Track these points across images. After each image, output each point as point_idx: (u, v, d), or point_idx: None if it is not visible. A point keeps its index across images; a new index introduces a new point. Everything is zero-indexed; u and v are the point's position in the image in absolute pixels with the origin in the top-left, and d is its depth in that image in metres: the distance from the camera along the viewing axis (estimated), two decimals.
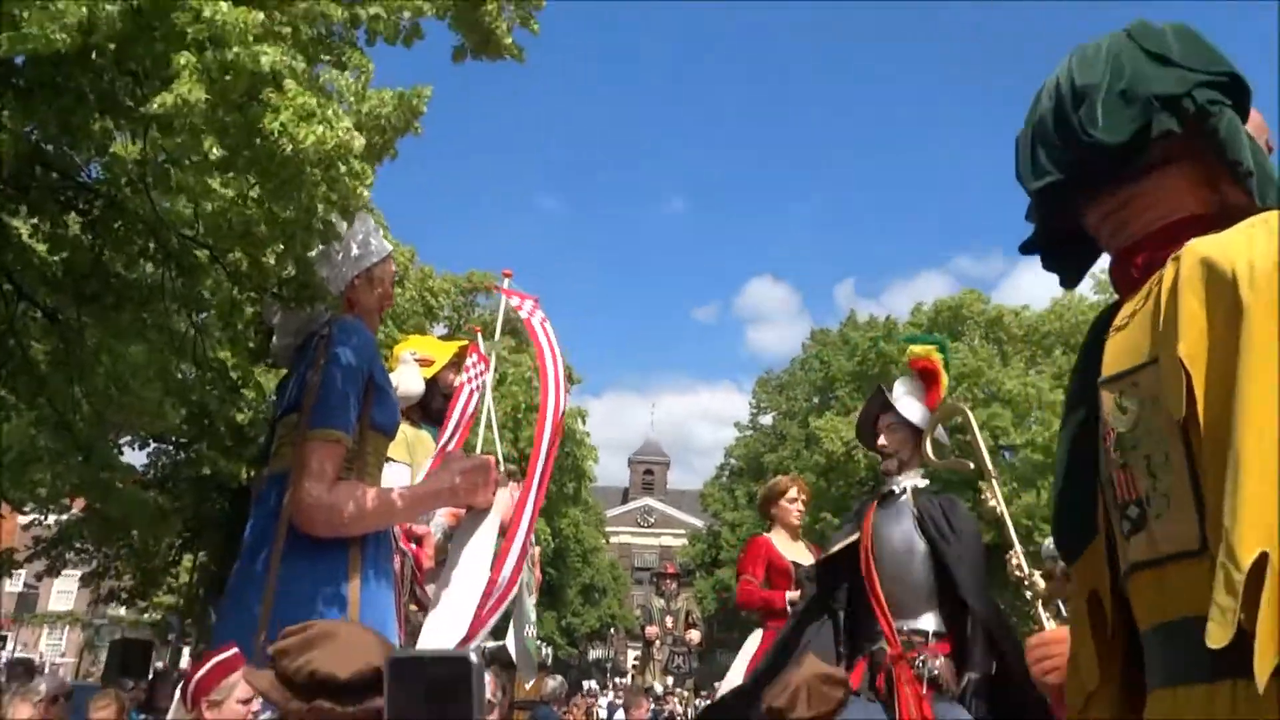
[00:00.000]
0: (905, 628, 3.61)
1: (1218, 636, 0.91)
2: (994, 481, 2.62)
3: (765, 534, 5.19)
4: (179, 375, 4.01)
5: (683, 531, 46.29)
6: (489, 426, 3.94)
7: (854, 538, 3.84)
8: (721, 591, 35.25)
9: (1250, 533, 0.90)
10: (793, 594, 4.84)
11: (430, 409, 3.81)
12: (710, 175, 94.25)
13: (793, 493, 5.24)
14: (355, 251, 2.81)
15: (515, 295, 3.98)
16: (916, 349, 4.13)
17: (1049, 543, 6.41)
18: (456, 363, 3.96)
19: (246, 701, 2.15)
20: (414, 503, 2.79)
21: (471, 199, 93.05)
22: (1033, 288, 66.28)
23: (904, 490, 3.84)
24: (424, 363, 3.77)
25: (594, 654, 41.29)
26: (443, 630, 2.80)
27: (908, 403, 3.90)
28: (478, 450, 3.89)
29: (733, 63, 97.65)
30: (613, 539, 45.15)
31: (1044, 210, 1.31)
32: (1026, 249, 1.38)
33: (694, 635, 12.21)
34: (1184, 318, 1.01)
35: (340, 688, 1.49)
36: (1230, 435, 0.94)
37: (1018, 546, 2.41)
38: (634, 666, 25.62)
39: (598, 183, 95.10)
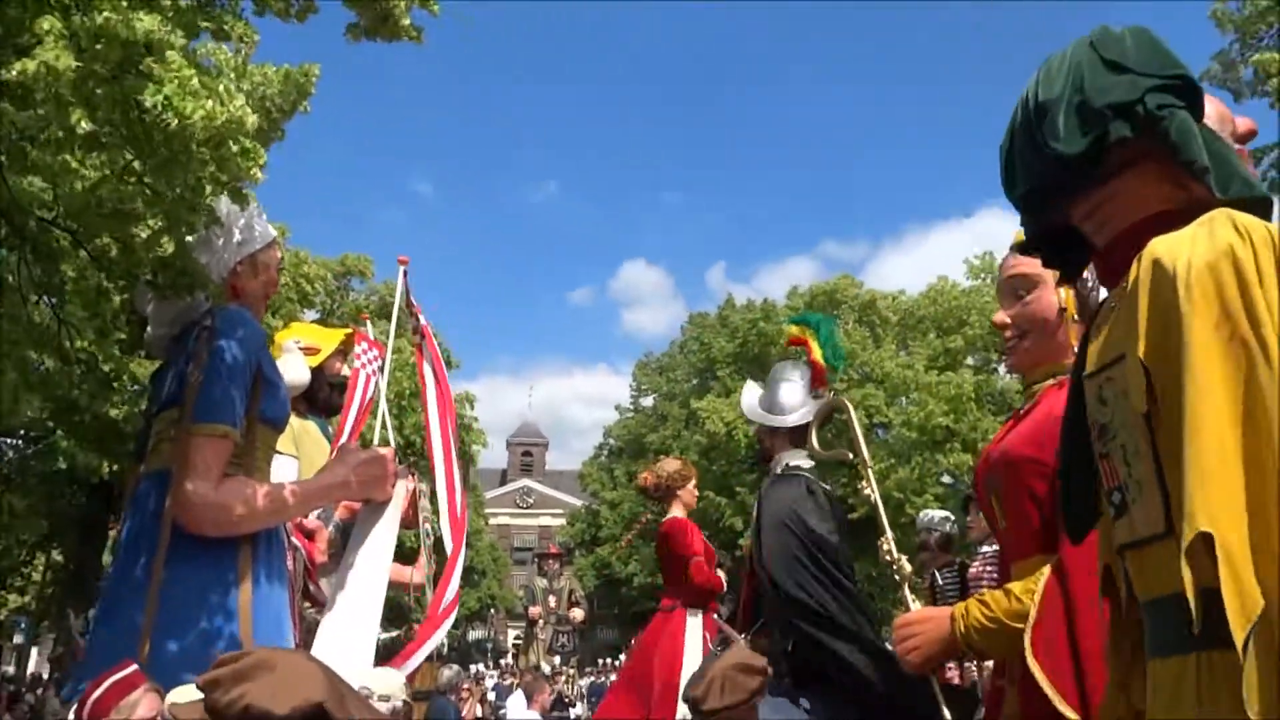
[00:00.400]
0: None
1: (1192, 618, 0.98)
2: (869, 472, 2.74)
3: (677, 517, 5.15)
4: (41, 368, 3.71)
5: (562, 511, 46.29)
6: (384, 416, 3.84)
7: None
8: (602, 569, 35.44)
9: (1192, 520, 0.98)
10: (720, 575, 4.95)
11: (316, 399, 3.68)
12: (583, 160, 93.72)
13: (694, 479, 5.30)
14: (238, 237, 2.66)
15: (410, 297, 3.94)
16: (792, 328, 4.15)
17: (923, 514, 6.70)
18: (343, 350, 3.84)
19: None
20: (307, 498, 2.69)
21: (342, 182, 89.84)
22: (895, 272, 69.17)
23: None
24: (309, 351, 3.63)
25: (474, 634, 41.04)
26: (341, 630, 2.71)
27: (787, 389, 3.83)
28: (374, 441, 3.78)
29: (605, 49, 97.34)
30: (492, 520, 44.80)
31: (1029, 215, 1.37)
32: (1024, 250, 1.45)
33: (577, 613, 12.24)
34: (1141, 317, 1.07)
35: None
36: (1181, 429, 1.00)
37: (889, 534, 2.54)
38: (515, 646, 25.54)
39: (471, 166, 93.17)
